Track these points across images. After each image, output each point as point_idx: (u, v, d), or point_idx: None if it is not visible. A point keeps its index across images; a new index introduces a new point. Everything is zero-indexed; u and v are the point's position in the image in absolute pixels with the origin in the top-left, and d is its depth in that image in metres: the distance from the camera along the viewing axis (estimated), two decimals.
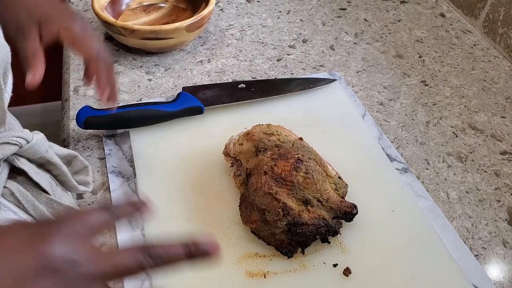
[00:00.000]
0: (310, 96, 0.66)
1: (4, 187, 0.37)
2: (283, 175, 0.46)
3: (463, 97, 0.70)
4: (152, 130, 0.59)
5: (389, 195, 0.53)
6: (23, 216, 0.37)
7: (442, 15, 0.87)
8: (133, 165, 0.56)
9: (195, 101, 0.60)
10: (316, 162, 0.49)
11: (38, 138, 0.38)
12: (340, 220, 0.48)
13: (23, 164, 0.38)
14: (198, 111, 0.60)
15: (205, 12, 0.70)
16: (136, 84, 0.68)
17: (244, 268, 0.46)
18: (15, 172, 0.38)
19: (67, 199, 0.43)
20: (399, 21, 0.85)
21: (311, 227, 0.45)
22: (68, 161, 0.43)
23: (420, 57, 0.77)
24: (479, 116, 0.67)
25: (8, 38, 0.37)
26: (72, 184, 0.42)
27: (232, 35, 0.78)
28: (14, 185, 0.38)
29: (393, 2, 0.89)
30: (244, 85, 0.64)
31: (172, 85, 0.68)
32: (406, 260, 0.48)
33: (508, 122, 0.66)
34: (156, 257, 0.27)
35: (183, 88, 0.63)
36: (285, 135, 0.52)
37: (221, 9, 0.84)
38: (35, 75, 0.38)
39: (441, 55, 0.77)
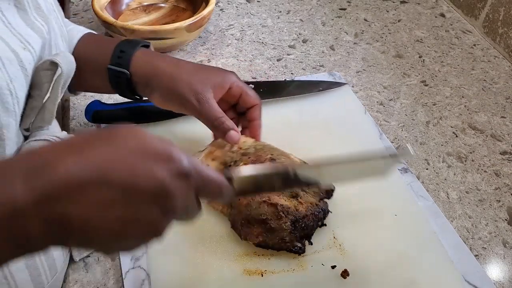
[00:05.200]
0: (310, 96, 0.65)
1: None
2: None
3: (463, 97, 0.70)
4: (154, 130, 0.59)
5: (389, 196, 0.53)
6: None
7: (442, 15, 0.87)
8: None
9: None
10: (284, 155, 0.50)
11: None
12: (325, 200, 0.49)
13: None
14: None
15: (205, 12, 0.70)
16: None
17: (242, 266, 0.46)
18: None
19: None
20: (399, 21, 0.85)
21: (310, 217, 0.46)
22: None
23: (420, 57, 0.77)
24: (479, 116, 0.67)
25: (171, 107, 0.50)
26: None
27: (232, 35, 0.78)
28: None
29: (393, 2, 0.89)
30: (252, 86, 0.64)
31: None
32: (405, 263, 0.47)
33: (508, 122, 0.66)
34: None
35: None
36: (243, 141, 0.51)
37: (221, 9, 0.84)
38: (236, 136, 0.49)
39: (441, 55, 0.77)
